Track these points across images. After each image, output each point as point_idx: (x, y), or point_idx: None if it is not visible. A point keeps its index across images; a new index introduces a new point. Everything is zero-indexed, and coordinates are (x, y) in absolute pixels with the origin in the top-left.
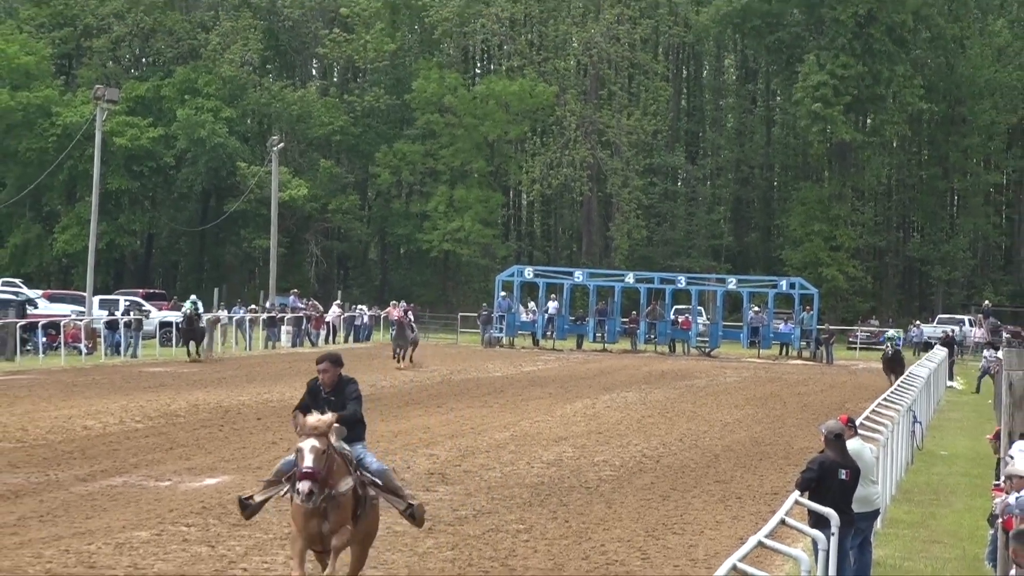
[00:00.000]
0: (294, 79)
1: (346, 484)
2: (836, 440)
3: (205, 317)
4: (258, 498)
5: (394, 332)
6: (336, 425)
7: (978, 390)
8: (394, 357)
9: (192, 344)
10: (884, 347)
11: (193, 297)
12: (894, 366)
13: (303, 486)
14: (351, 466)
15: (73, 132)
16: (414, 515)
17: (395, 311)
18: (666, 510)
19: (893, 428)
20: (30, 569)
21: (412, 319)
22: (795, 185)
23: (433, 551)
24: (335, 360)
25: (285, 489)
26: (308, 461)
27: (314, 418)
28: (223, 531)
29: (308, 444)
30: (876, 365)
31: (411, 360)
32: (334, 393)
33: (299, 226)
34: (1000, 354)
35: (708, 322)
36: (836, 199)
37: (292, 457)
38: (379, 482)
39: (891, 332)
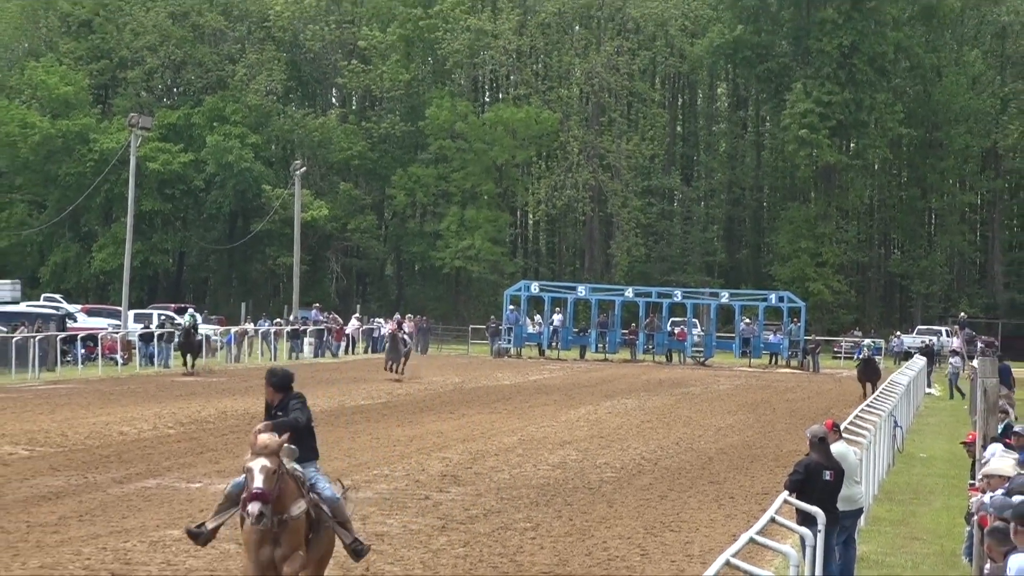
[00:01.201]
0: (315, 107)
1: (299, 507)
2: (820, 444)
3: (203, 331)
4: (210, 525)
5: (387, 345)
6: (288, 446)
7: (952, 396)
8: (386, 368)
9: (189, 356)
10: (859, 356)
11: (191, 310)
12: (870, 374)
13: (253, 507)
14: (303, 488)
15: (109, 157)
16: (358, 551)
17: (390, 324)
18: (664, 509)
19: (875, 432)
20: (70, 565)
21: (406, 332)
22: (783, 205)
23: (446, 548)
24: (271, 378)
25: (236, 511)
26: (258, 481)
27: (265, 436)
28: None
29: (258, 464)
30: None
31: (402, 372)
32: (281, 408)
33: (320, 244)
34: (975, 362)
35: (702, 333)
36: (822, 218)
37: (242, 479)
38: (327, 512)
39: (868, 341)
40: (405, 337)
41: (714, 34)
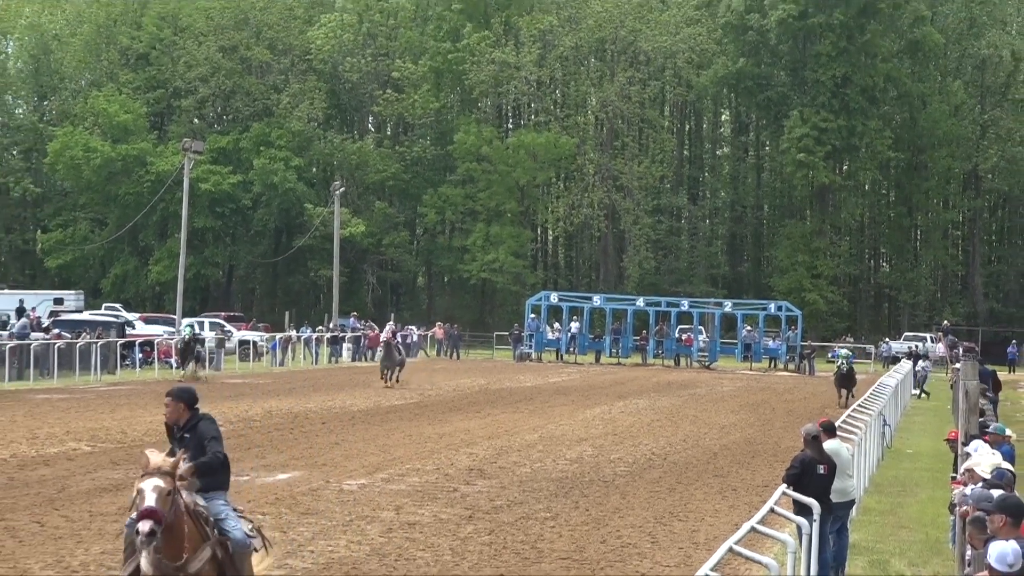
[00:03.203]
0: (353, 133)
1: (200, 558)
2: (814, 441)
3: (206, 340)
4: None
5: (382, 353)
6: (187, 479)
7: (920, 395)
8: (382, 376)
9: (191, 365)
10: (839, 364)
11: (190, 321)
12: (846, 382)
13: (143, 526)
14: (207, 527)
15: (165, 179)
16: None
17: (385, 333)
18: (672, 500)
19: (866, 430)
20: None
21: (400, 341)
22: (782, 222)
23: (473, 536)
24: (177, 395)
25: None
26: (149, 500)
27: (157, 457)
28: (293, 519)
29: (149, 484)
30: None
31: (397, 380)
32: (189, 430)
33: (358, 258)
34: (958, 365)
35: (707, 339)
36: (817, 234)
37: (132, 517)
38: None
39: (844, 351)
40: (399, 346)
41: (718, 66)
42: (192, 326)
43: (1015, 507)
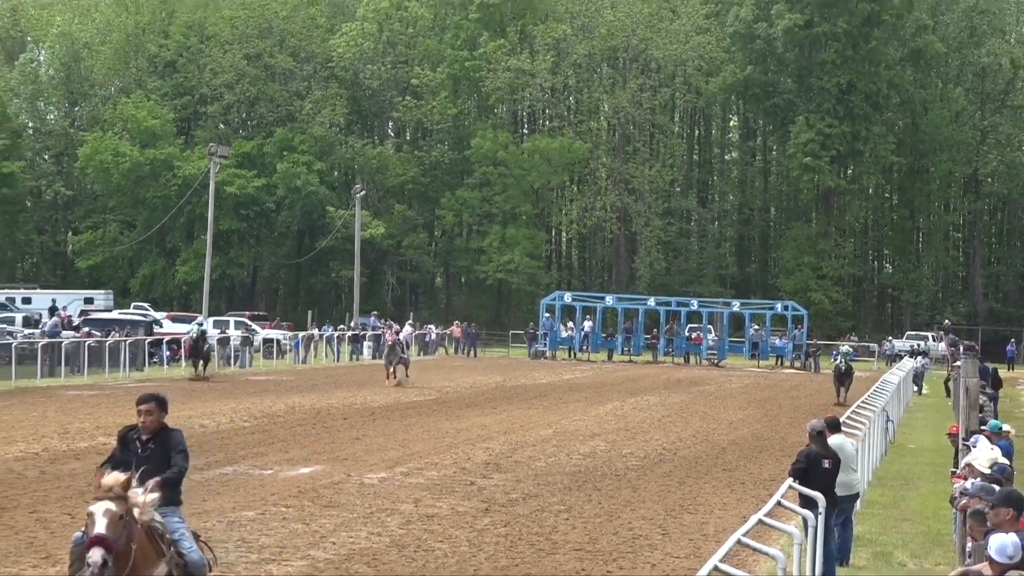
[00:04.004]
0: (373, 138)
1: (158, 574)
2: (819, 436)
3: (211, 339)
4: None
5: (385, 351)
6: (147, 497)
7: (921, 391)
8: (387, 376)
9: (200, 364)
10: (837, 361)
11: (200, 319)
12: (843, 379)
13: (94, 554)
14: (164, 545)
15: (191, 182)
16: None
17: (389, 333)
18: (682, 494)
19: (870, 425)
20: None
21: (404, 341)
22: (788, 224)
23: (489, 528)
24: (161, 402)
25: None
26: (100, 526)
27: (110, 477)
28: (316, 511)
29: (100, 507)
30: (857, 373)
31: (405, 376)
32: (155, 440)
33: (378, 259)
34: (959, 363)
35: (716, 338)
36: (822, 236)
37: (81, 533)
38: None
39: (844, 348)
40: (403, 345)
41: (726, 73)
42: (201, 324)
43: (1019, 501)
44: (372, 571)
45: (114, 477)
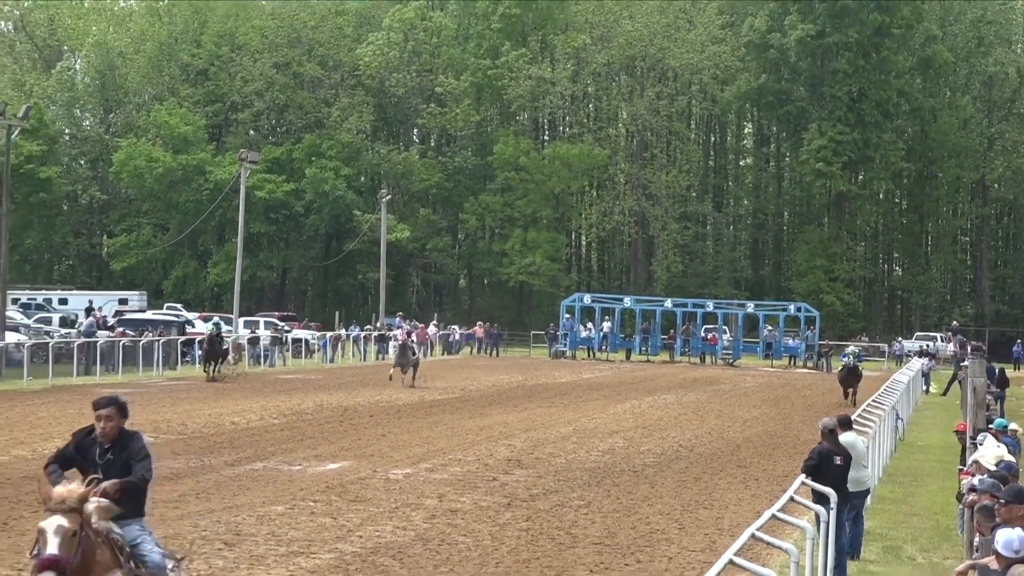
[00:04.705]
0: (399, 144)
1: None
2: (830, 434)
3: (228, 340)
4: None
5: (396, 352)
6: (102, 503)
7: (928, 391)
8: (400, 373)
9: (213, 363)
10: (844, 362)
11: (216, 319)
12: (851, 379)
13: None
14: (122, 556)
15: (222, 187)
16: None
17: (400, 333)
18: (698, 489)
19: (880, 424)
20: (189, 535)
21: (415, 341)
22: (801, 228)
23: (511, 522)
24: (122, 407)
25: None
26: (52, 546)
27: (62, 489)
28: (343, 506)
29: (52, 524)
30: (868, 373)
31: (413, 380)
32: (114, 449)
33: (403, 262)
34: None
35: (731, 339)
36: (834, 239)
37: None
38: None
39: (851, 349)
40: (414, 346)
41: (741, 82)
42: (218, 324)
43: None
44: (398, 564)
45: (68, 488)
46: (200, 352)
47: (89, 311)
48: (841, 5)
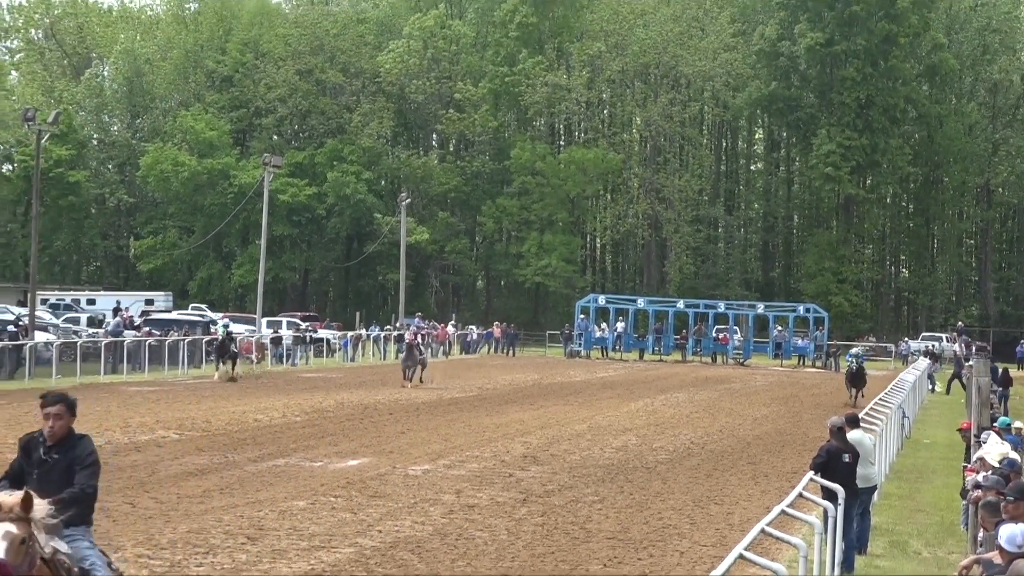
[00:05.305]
0: (418, 149)
1: None
2: (839, 432)
3: (238, 340)
4: None
5: (404, 353)
6: (50, 514)
7: (933, 390)
8: (405, 377)
9: (223, 363)
10: (849, 363)
11: (225, 321)
12: (856, 381)
13: None
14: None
15: (246, 190)
16: None
17: (408, 334)
18: (709, 485)
19: (887, 422)
20: (212, 530)
21: (421, 342)
22: (810, 231)
23: (527, 517)
24: (71, 404)
25: None
26: None
27: (7, 497)
28: (363, 501)
29: (0, 530)
30: (874, 372)
31: (420, 380)
32: (61, 450)
33: (422, 263)
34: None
35: (742, 339)
36: (842, 242)
37: None
38: None
39: (855, 350)
40: (421, 346)
41: (752, 89)
42: (227, 324)
43: None
44: (416, 558)
45: (12, 497)
46: (210, 352)
47: (116, 311)
48: (849, 14)
